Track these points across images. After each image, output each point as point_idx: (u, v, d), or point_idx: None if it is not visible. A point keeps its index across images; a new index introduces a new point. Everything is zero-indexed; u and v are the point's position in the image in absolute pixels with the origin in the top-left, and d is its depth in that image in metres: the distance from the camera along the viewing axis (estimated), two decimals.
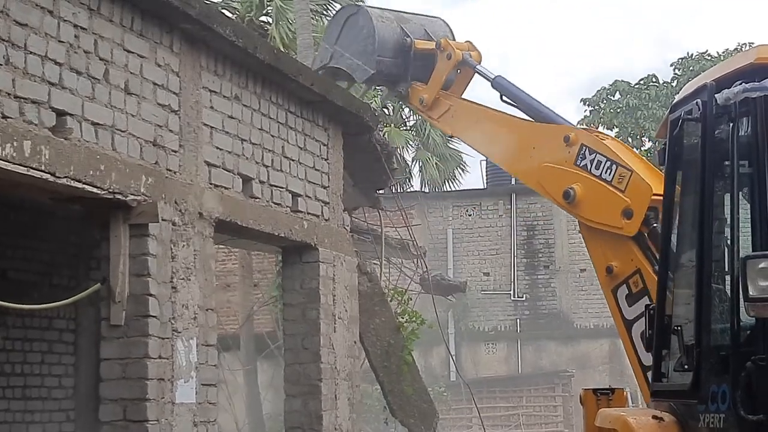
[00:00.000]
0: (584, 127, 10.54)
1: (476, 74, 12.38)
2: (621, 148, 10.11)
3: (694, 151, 6.63)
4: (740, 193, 6.20)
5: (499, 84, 11.89)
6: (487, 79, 11.93)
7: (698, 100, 6.53)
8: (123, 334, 9.03)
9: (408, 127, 34.75)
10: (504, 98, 11.66)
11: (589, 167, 9.81)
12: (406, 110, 35.16)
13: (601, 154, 9.76)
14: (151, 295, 9.08)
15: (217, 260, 10.92)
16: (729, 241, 6.22)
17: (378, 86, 14.71)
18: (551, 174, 10.23)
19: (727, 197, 6.28)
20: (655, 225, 9.32)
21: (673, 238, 7.13)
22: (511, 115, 11.42)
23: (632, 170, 9.48)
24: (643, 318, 9.18)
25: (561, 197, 10.05)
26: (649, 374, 8.81)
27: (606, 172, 9.66)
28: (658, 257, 9.36)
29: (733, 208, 6.14)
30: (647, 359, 9.16)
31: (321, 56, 13.58)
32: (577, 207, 9.93)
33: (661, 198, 9.47)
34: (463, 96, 12.46)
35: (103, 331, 9.12)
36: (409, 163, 33.49)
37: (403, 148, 31.34)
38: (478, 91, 12.65)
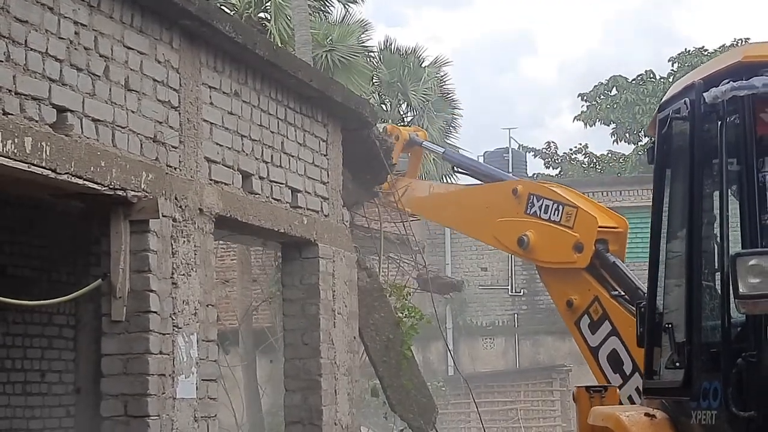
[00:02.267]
0: (529, 178, 11.51)
1: (425, 151, 13.53)
2: (566, 190, 10.90)
3: (682, 149, 6.68)
4: (729, 190, 6.25)
5: (448, 156, 13.36)
6: (436, 153, 13.14)
7: (686, 99, 6.57)
8: (124, 330, 9.10)
9: (406, 123, 34.80)
10: (455, 168, 12.77)
11: (538, 213, 10.59)
12: (404, 105, 35.26)
13: (548, 199, 10.52)
14: (151, 290, 9.14)
15: (215, 256, 10.98)
16: (718, 239, 6.26)
17: None
18: (505, 227, 11.01)
19: (716, 195, 6.32)
20: (605, 254, 9.92)
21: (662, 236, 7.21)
22: (458, 184, 12.48)
23: (577, 206, 10.41)
24: (607, 341, 9.82)
25: (516, 246, 10.84)
26: (621, 393, 9.26)
27: (554, 214, 10.45)
28: (611, 282, 9.98)
29: (722, 206, 6.18)
30: (616, 381, 9.69)
31: None
32: (532, 252, 10.71)
33: (607, 230, 10.26)
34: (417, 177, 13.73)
35: (104, 327, 9.18)
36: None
37: None
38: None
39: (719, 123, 6.23)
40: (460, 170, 12.87)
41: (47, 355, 12.96)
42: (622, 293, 10.02)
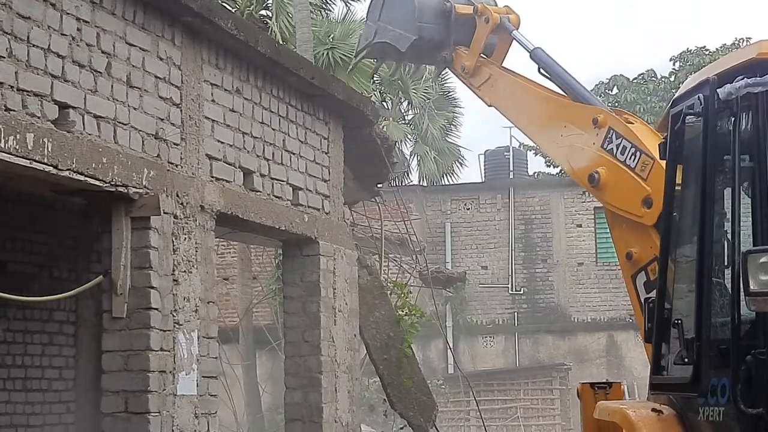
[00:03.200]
0: (615, 109, 10.50)
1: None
2: (648, 134, 9.98)
3: (695, 145, 6.65)
4: (741, 187, 6.23)
5: (537, 56, 11.74)
6: (525, 49, 11.77)
7: (700, 95, 6.55)
8: (125, 327, 9.07)
9: (406, 121, 34.78)
10: (541, 71, 11.60)
11: (615, 152, 9.78)
12: (405, 104, 35.20)
13: (627, 140, 9.71)
14: (152, 287, 9.11)
15: (216, 253, 10.95)
16: (730, 236, 6.24)
17: (417, 63, 14.54)
18: (579, 155, 10.22)
19: (728, 191, 6.30)
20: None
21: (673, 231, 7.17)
22: (547, 89, 11.34)
23: (655, 159, 9.29)
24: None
25: (586, 180, 10.02)
26: None
27: (630, 159, 9.59)
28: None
29: (734, 203, 6.16)
30: None
31: (365, 34, 13.30)
32: (601, 191, 9.90)
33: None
34: (504, 63, 12.25)
35: (105, 324, 9.16)
36: (408, 157, 33.54)
37: (401, 141, 31.39)
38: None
39: (732, 119, 6.21)
40: (546, 75, 11.77)
41: (48, 352, 12.94)
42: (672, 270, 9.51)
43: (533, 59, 11.66)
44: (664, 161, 7.09)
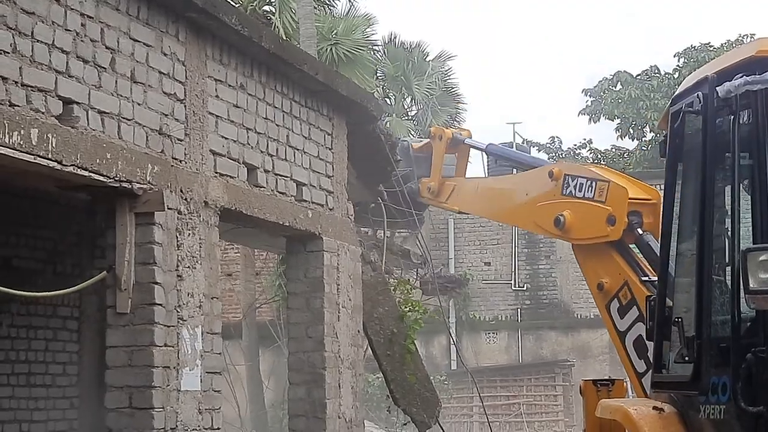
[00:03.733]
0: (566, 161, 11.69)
1: (470, 149, 13.96)
2: (599, 167, 11.17)
3: (695, 143, 6.67)
4: (741, 185, 6.25)
5: (490, 151, 13.47)
6: (480, 149, 13.52)
7: (699, 93, 6.57)
8: (129, 322, 9.09)
9: (410, 117, 34.81)
10: (497, 162, 13.09)
11: (573, 192, 10.69)
12: (408, 100, 35.22)
13: (582, 177, 10.64)
14: (156, 283, 9.14)
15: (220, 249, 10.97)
16: (730, 233, 6.26)
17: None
18: (544, 210, 11.11)
19: (728, 189, 6.32)
20: (640, 232, 10.19)
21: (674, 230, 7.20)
22: (502, 175, 12.74)
23: (609, 180, 10.35)
24: (635, 326, 9.95)
25: (553, 226, 10.92)
26: (644, 380, 9.36)
27: (588, 191, 10.52)
28: (642, 267, 10.09)
29: (733, 200, 6.18)
30: (641, 366, 9.79)
31: None
32: (568, 231, 10.78)
33: (639, 201, 10.37)
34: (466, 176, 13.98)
35: (109, 319, 9.17)
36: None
37: (404, 138, 31.38)
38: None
39: (732, 117, 6.22)
40: (503, 163, 13.25)
41: (51, 347, 12.97)
42: (652, 279, 10.02)
43: (488, 154, 13.62)
44: (664, 158, 7.12)
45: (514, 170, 13.03)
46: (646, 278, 10.16)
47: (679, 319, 6.57)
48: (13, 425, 12.40)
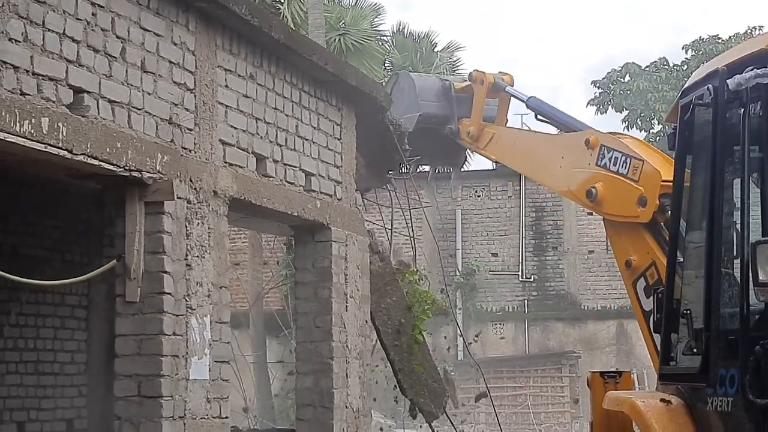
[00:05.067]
0: (608, 131, 11.28)
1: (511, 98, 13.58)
2: (637, 143, 10.66)
3: (704, 136, 6.67)
4: (750, 177, 6.25)
5: (532, 104, 12.90)
6: (521, 101, 13.25)
7: (709, 86, 6.57)
8: (138, 311, 9.11)
9: None
10: (538, 117, 12.68)
11: (608, 165, 10.40)
12: None
13: (617, 150, 10.33)
14: (165, 272, 9.16)
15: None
16: (739, 226, 6.26)
17: (433, 162, 16.67)
18: (578, 177, 10.85)
19: (738, 182, 6.32)
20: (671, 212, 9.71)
21: (683, 222, 7.20)
22: (542, 132, 12.45)
23: (643, 160, 10.02)
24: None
25: (585, 197, 10.68)
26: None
27: (622, 167, 10.22)
28: None
29: (743, 193, 6.18)
30: None
31: None
32: (600, 204, 10.49)
33: (671, 184, 10.13)
34: (507, 124, 13.66)
35: (118, 308, 9.20)
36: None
37: None
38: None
39: (742, 110, 6.23)
40: (542, 119, 12.88)
41: (60, 335, 13.01)
42: (680, 261, 9.96)
43: (529, 107, 13.06)
44: (673, 151, 7.12)
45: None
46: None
47: (688, 311, 6.58)
48: (21, 413, 12.45)
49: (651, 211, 9.72)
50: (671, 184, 10.16)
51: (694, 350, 6.48)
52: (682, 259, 7.04)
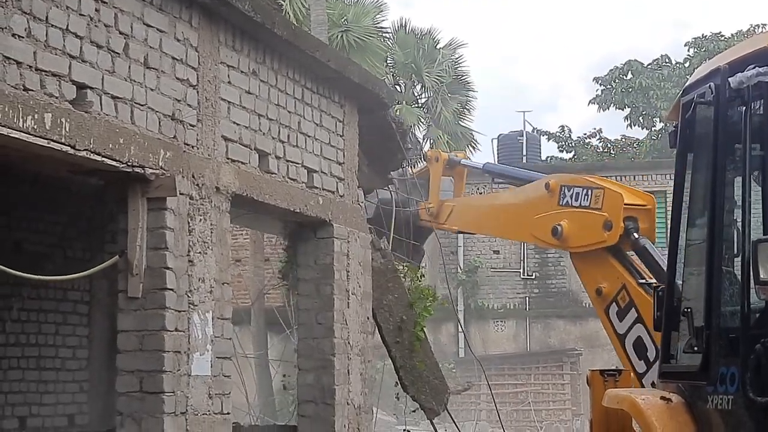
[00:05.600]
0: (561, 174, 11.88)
1: (466, 170, 14.41)
2: (595, 177, 11.36)
3: (706, 134, 6.67)
4: (752, 176, 6.25)
5: (488, 169, 13.86)
6: (477, 169, 13.76)
7: (711, 84, 6.56)
8: (140, 307, 9.12)
9: (420, 105, 34.79)
10: (494, 180, 13.39)
11: (570, 202, 10.96)
12: (418, 87, 35.18)
13: (577, 186, 10.88)
14: (168, 268, 9.17)
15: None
16: (740, 225, 6.27)
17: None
18: (541, 222, 11.35)
19: (739, 180, 6.32)
20: (636, 236, 10.48)
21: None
22: (500, 191, 12.94)
23: (603, 187, 10.60)
24: (633, 328, 10.18)
25: (551, 236, 11.15)
26: (644, 380, 9.56)
27: (584, 199, 10.79)
28: (639, 270, 10.33)
29: (744, 192, 6.18)
30: (641, 367, 9.98)
31: None
32: (566, 240, 11.01)
33: (635, 207, 10.64)
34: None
35: (120, 303, 9.21)
36: (421, 141, 33.57)
37: (414, 125, 31.41)
38: None
39: (743, 108, 6.23)
40: (499, 180, 13.53)
41: (61, 331, 13.03)
42: (650, 281, 10.28)
43: (485, 172, 13.92)
44: (674, 149, 7.14)
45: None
46: (644, 281, 10.42)
47: (689, 310, 6.59)
48: (23, 408, 12.47)
49: (617, 233, 10.33)
50: (634, 207, 10.72)
51: (695, 348, 6.49)
52: (682, 258, 7.05)
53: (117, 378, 9.22)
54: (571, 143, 42.28)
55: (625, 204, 10.51)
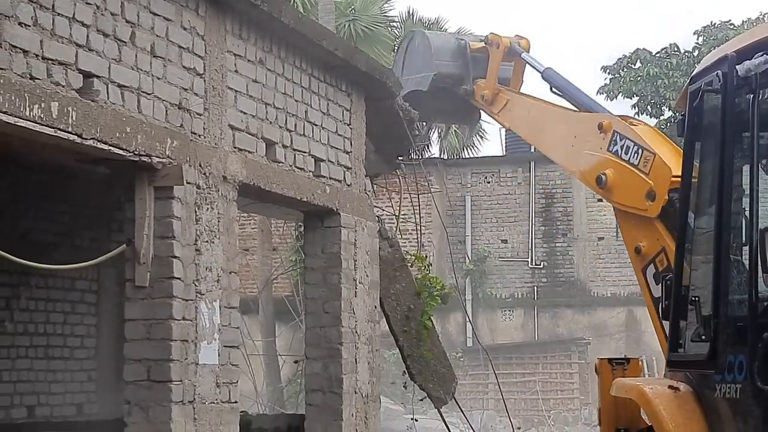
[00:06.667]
0: (621, 115, 11.00)
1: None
2: (650, 133, 10.47)
3: (713, 122, 6.66)
4: (760, 164, 6.24)
5: (547, 76, 12.66)
6: (536, 70, 12.92)
7: (719, 72, 6.55)
8: (147, 296, 9.12)
9: None
10: (553, 90, 12.42)
11: (619, 153, 10.22)
12: None
13: (630, 139, 10.14)
14: (175, 257, 9.16)
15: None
16: (748, 213, 6.25)
17: (447, 120, 16.16)
18: (588, 160, 10.67)
19: (746, 168, 6.31)
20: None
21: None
22: (558, 105, 12.19)
23: (655, 153, 9.83)
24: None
25: (594, 182, 10.50)
26: None
27: (633, 157, 10.04)
28: None
29: (752, 180, 6.17)
30: None
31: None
32: (609, 192, 10.34)
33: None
34: (521, 89, 13.32)
35: (127, 292, 9.21)
36: (428, 130, 33.56)
37: None
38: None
39: (751, 96, 6.21)
40: (557, 93, 12.64)
41: (69, 320, 13.05)
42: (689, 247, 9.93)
43: (544, 79, 12.74)
44: (682, 138, 7.11)
45: None
46: None
47: (696, 298, 6.58)
48: (31, 397, 12.50)
49: (659, 205, 9.61)
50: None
51: (703, 337, 6.48)
52: (690, 246, 7.03)
53: (124, 367, 9.22)
54: None
55: (672, 176, 9.74)
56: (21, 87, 7.53)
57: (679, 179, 10.05)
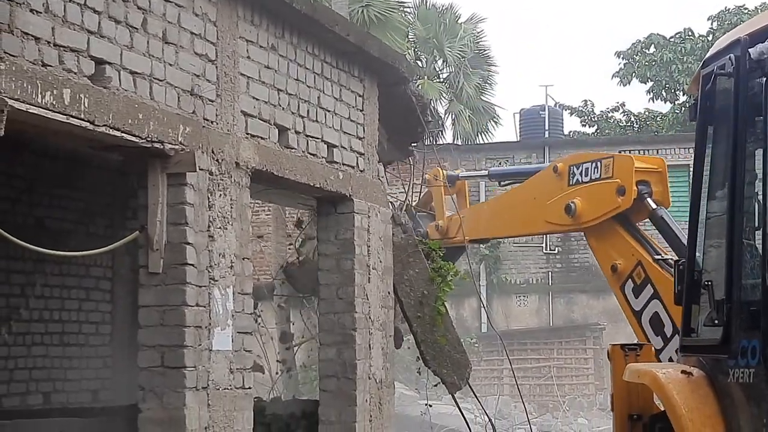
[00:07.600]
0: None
1: (469, 182, 14.40)
2: (601, 153, 11.35)
3: (725, 106, 6.62)
4: None
5: (492, 174, 14.05)
6: (481, 178, 13.76)
7: (731, 55, 6.51)
8: (161, 282, 9.13)
9: (441, 80, 34.72)
10: (501, 183, 13.68)
11: (581, 179, 10.95)
12: (440, 62, 35.10)
13: (586, 162, 10.87)
14: (188, 243, 9.17)
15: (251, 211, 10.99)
16: (760, 197, 6.23)
17: None
18: (554, 206, 11.34)
19: (759, 152, 6.28)
20: (653, 205, 10.51)
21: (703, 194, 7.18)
22: (505, 191, 12.95)
23: (612, 155, 10.64)
24: (650, 305, 10.14)
25: (565, 217, 11.15)
26: (661, 356, 9.56)
27: (594, 173, 10.79)
28: (654, 246, 10.31)
29: (764, 164, 6.15)
30: (658, 343, 9.95)
31: None
32: (581, 217, 11.01)
33: (646, 169, 10.59)
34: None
35: (141, 279, 9.22)
36: (442, 116, 33.54)
37: (436, 100, 31.36)
38: None
39: (764, 79, 6.17)
40: (506, 182, 13.51)
41: (84, 307, 13.09)
42: (665, 257, 10.27)
43: (491, 178, 14.20)
44: (695, 121, 7.09)
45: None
46: (659, 257, 10.36)
47: (709, 283, 6.56)
48: (47, 383, 12.54)
49: (631, 196, 10.31)
50: (645, 170, 10.64)
51: (716, 321, 6.46)
52: (703, 231, 7.02)
53: (138, 353, 9.24)
54: (593, 117, 42.11)
55: (636, 167, 10.46)
56: (33, 74, 7.53)
57: (644, 169, 10.70)
